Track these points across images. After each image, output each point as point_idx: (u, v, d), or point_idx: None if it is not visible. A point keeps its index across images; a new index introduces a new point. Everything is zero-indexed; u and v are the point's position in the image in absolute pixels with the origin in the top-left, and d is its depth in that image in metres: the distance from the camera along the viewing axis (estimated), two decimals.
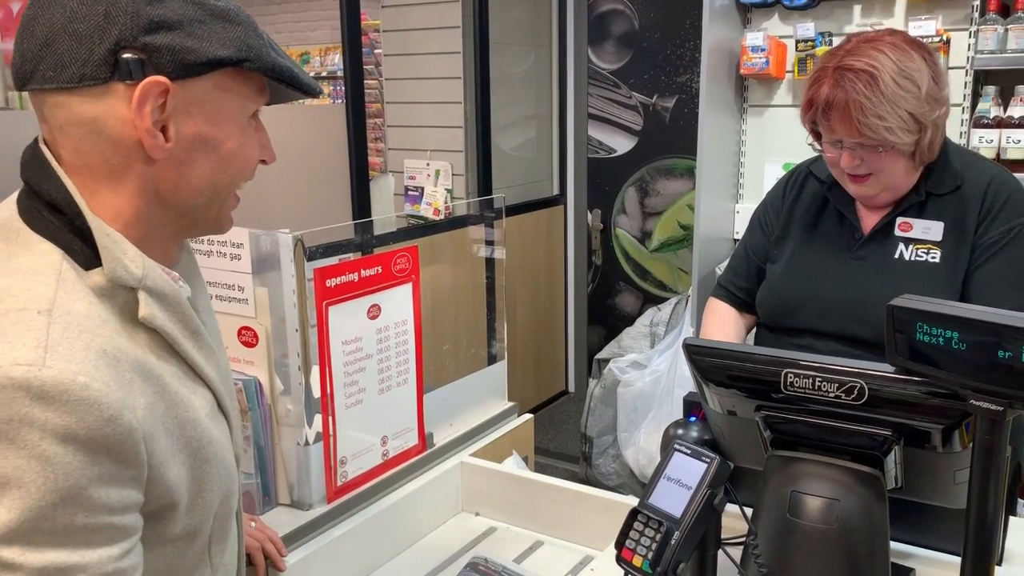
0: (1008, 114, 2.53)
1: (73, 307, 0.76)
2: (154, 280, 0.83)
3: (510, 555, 1.52)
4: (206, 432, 0.87)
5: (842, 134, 1.50)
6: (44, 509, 0.70)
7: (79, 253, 0.80)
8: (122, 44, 0.78)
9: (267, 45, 0.87)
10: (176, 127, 0.82)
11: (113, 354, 0.76)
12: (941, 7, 2.68)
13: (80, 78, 0.78)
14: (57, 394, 0.71)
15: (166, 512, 0.83)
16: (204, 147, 0.85)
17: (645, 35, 3.99)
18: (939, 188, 1.57)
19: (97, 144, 0.81)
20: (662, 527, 1.05)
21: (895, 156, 1.50)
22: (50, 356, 0.72)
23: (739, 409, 1.11)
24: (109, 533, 0.75)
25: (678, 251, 4.08)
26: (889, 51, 1.47)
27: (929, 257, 1.56)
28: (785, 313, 1.69)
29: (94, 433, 0.72)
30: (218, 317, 1.40)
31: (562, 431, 4.24)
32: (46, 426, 0.70)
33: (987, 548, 0.92)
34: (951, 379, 0.90)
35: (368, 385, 1.49)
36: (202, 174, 0.86)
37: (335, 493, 1.45)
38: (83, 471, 0.72)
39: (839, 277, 1.63)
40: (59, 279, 0.77)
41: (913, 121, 1.47)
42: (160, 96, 0.80)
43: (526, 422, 1.92)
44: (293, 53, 6.21)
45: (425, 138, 3.96)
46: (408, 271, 1.53)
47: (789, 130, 3.04)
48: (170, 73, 0.80)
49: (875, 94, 1.44)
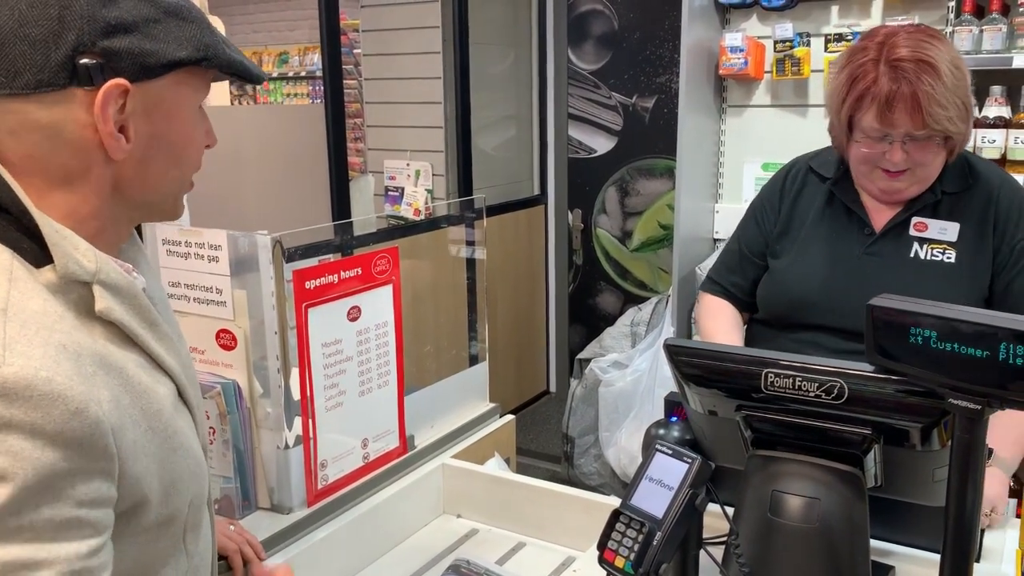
0: (983, 114, 2.55)
1: (27, 305, 0.75)
2: (108, 273, 0.82)
3: (492, 557, 1.52)
4: (171, 422, 0.86)
5: (903, 126, 1.47)
6: (11, 505, 0.69)
7: (28, 251, 0.79)
8: (80, 49, 0.77)
9: (220, 41, 0.87)
10: (135, 127, 0.82)
11: (73, 349, 0.75)
12: (917, 8, 2.70)
13: (36, 85, 0.77)
14: (20, 390, 0.70)
15: (138, 503, 0.82)
16: (161, 143, 0.85)
17: (624, 35, 4.00)
18: (953, 187, 1.58)
19: (54, 149, 0.80)
20: (644, 528, 1.05)
21: (940, 148, 1.50)
22: (9, 354, 0.71)
23: (720, 409, 1.11)
24: (78, 528, 0.74)
25: (658, 251, 4.09)
26: (932, 41, 1.47)
27: (945, 257, 1.56)
28: (794, 309, 1.67)
29: (61, 427, 0.71)
30: (196, 320, 1.40)
31: (544, 431, 4.25)
32: (10, 423, 0.69)
33: (966, 545, 0.93)
34: (930, 378, 0.91)
35: (348, 387, 1.48)
36: (159, 169, 0.86)
37: (315, 496, 1.44)
38: (52, 466, 0.71)
39: (852, 273, 1.61)
40: (10, 279, 0.76)
41: (965, 109, 1.48)
42: (120, 97, 0.80)
43: (508, 423, 1.92)
44: (271, 52, 6.18)
45: (405, 138, 3.95)
46: (388, 272, 1.52)
47: (768, 130, 3.06)
48: (129, 76, 0.80)
49: (939, 84, 1.44)
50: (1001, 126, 2.52)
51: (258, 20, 6.20)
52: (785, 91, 3.01)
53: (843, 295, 1.60)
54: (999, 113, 2.53)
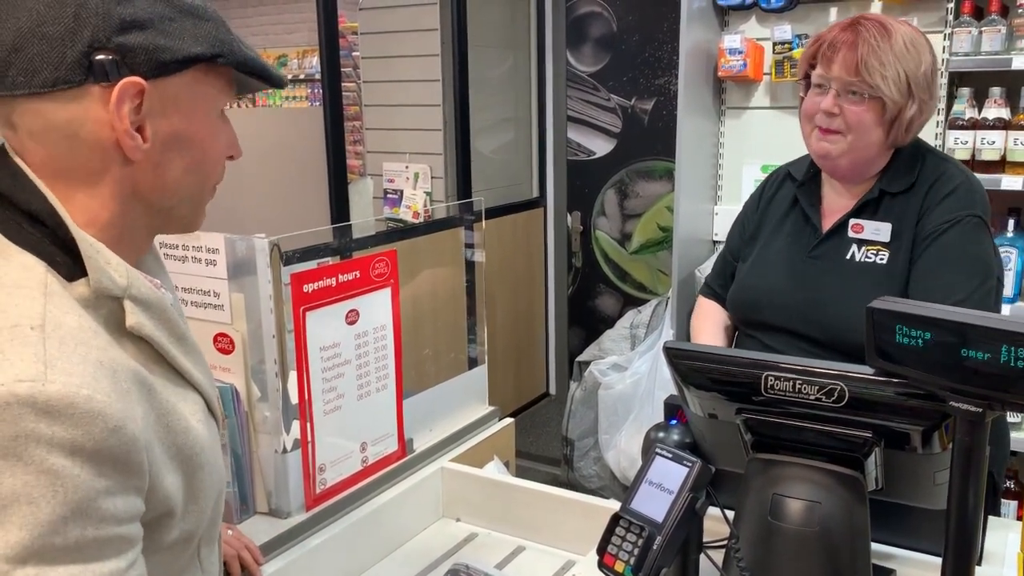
0: (983, 115, 2.55)
1: (64, 320, 0.75)
2: (138, 289, 0.82)
3: (491, 561, 1.51)
4: (198, 439, 0.86)
5: (838, 72, 1.52)
6: (55, 524, 0.69)
7: (62, 265, 0.79)
8: (95, 45, 0.77)
9: (236, 40, 0.87)
10: (153, 127, 0.82)
11: (109, 365, 0.76)
12: (916, 9, 2.70)
13: (54, 82, 0.77)
14: (62, 408, 0.70)
15: (163, 520, 0.82)
16: (179, 145, 0.85)
17: (623, 38, 4.00)
18: (894, 187, 1.59)
19: (73, 148, 0.80)
20: (644, 532, 1.05)
21: (874, 116, 1.53)
22: (51, 371, 0.71)
23: (720, 412, 1.11)
24: (117, 545, 0.74)
25: (657, 253, 4.09)
26: (905, 25, 1.55)
27: (877, 259, 1.58)
28: (749, 309, 1.72)
29: (100, 444, 0.72)
30: (194, 323, 1.39)
31: (543, 434, 4.24)
32: (52, 440, 0.70)
33: (967, 548, 0.92)
34: (930, 381, 0.90)
35: (347, 391, 1.47)
36: (177, 173, 0.86)
37: (314, 501, 1.44)
38: (91, 483, 0.71)
39: (796, 275, 1.65)
40: (46, 293, 0.76)
41: (907, 84, 1.51)
42: (136, 96, 0.80)
43: (507, 426, 1.91)
44: (270, 56, 6.17)
45: (404, 141, 3.95)
46: (387, 275, 1.51)
47: (767, 132, 3.06)
48: (145, 72, 0.80)
49: (884, 43, 1.50)
50: (1000, 127, 2.52)
51: (256, 23, 6.20)
52: (784, 93, 3.01)
53: (788, 296, 1.64)
54: (998, 114, 2.53)
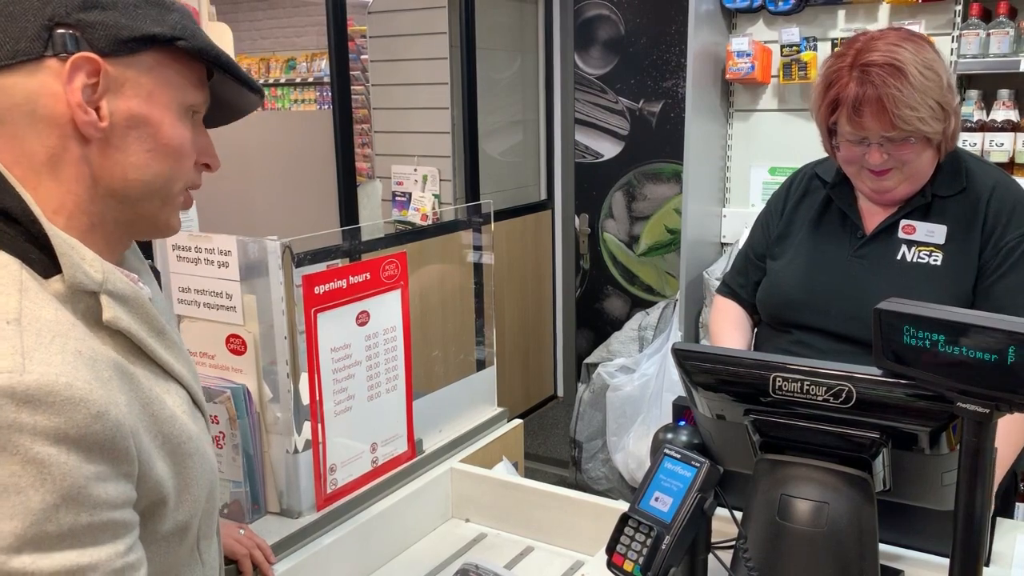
0: (991, 118, 2.55)
1: (40, 314, 0.76)
2: (114, 283, 0.83)
3: (501, 561, 1.52)
4: (184, 428, 0.87)
5: (874, 129, 1.48)
6: (47, 512, 0.70)
7: (37, 262, 0.80)
8: (56, 20, 0.79)
9: (202, 32, 0.88)
10: (110, 106, 0.82)
11: (89, 355, 0.76)
12: (924, 12, 2.70)
13: (13, 55, 0.79)
14: (42, 396, 0.71)
15: (156, 509, 0.83)
16: (138, 131, 0.84)
17: (631, 40, 4.00)
18: (944, 190, 1.58)
19: (32, 127, 0.80)
20: (653, 532, 1.05)
21: (923, 146, 1.51)
22: (28, 361, 0.72)
23: (728, 413, 1.11)
24: (113, 529, 0.75)
25: (665, 255, 4.09)
26: (905, 44, 1.49)
27: (931, 260, 1.56)
28: (785, 310, 1.69)
29: (84, 431, 0.72)
30: (206, 324, 1.41)
31: (551, 436, 4.24)
32: (35, 429, 0.70)
33: (975, 549, 0.92)
34: (938, 382, 0.91)
35: (357, 392, 1.48)
36: (136, 161, 0.85)
37: (324, 501, 1.45)
38: (79, 470, 0.72)
39: (839, 275, 1.63)
40: (21, 289, 0.77)
41: (940, 109, 1.48)
42: (92, 74, 0.80)
43: (516, 427, 1.92)
44: (279, 59, 6.20)
45: (412, 143, 3.96)
46: (396, 277, 1.52)
47: (775, 134, 3.06)
48: (103, 49, 0.81)
49: (905, 86, 1.45)
50: (1009, 129, 2.52)
51: (266, 27, 6.22)
52: (792, 95, 3.01)
53: (829, 297, 1.62)
54: (1007, 116, 2.53)
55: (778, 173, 3.06)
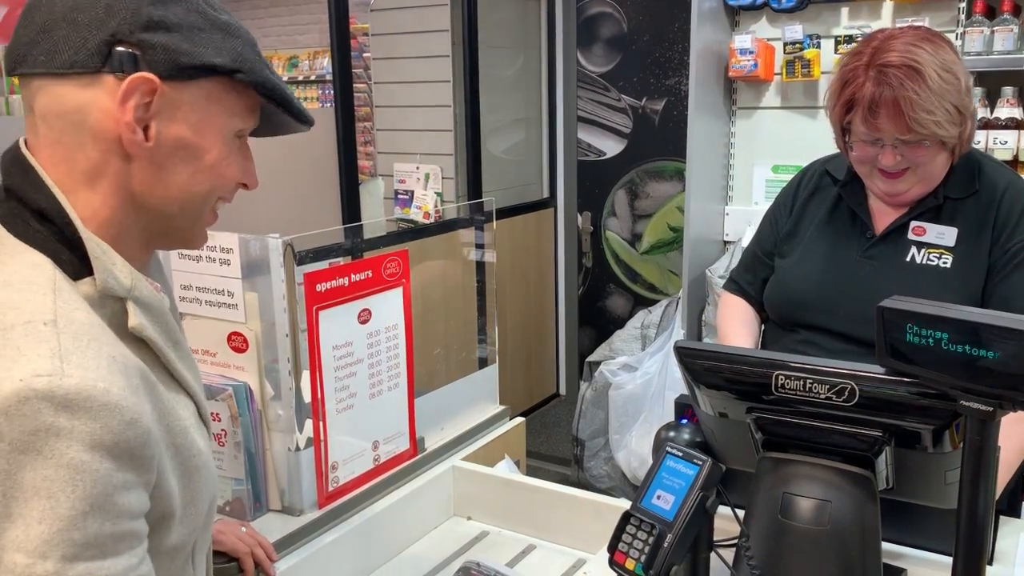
0: (995, 115, 2.54)
1: (74, 316, 0.76)
2: (141, 291, 0.83)
3: (502, 559, 1.52)
4: (194, 443, 0.87)
5: (889, 131, 1.47)
6: (75, 519, 0.70)
7: (67, 263, 0.80)
8: (118, 37, 0.79)
9: (263, 63, 0.87)
10: (159, 127, 0.82)
11: (121, 360, 0.76)
12: (927, 9, 2.70)
13: (71, 64, 0.78)
14: (80, 401, 0.70)
15: (164, 522, 0.82)
16: (184, 154, 0.84)
17: (634, 38, 4.00)
18: (957, 192, 1.56)
19: (78, 136, 0.80)
20: (655, 530, 1.05)
21: (937, 149, 1.49)
22: (67, 365, 0.71)
23: (730, 411, 1.11)
24: (129, 540, 0.75)
25: (668, 253, 4.09)
26: (924, 44, 1.46)
27: (940, 262, 1.55)
28: (792, 309, 1.68)
29: (118, 437, 0.72)
30: (208, 322, 1.41)
31: (554, 434, 4.24)
32: (72, 434, 0.70)
33: (978, 548, 0.92)
34: (941, 380, 0.90)
35: (359, 390, 1.48)
36: (178, 181, 0.85)
37: (326, 498, 1.45)
38: (110, 477, 0.72)
39: (848, 275, 1.62)
40: (55, 289, 0.77)
41: (957, 113, 1.46)
42: (147, 94, 0.80)
43: (517, 426, 1.92)
44: (281, 57, 6.19)
45: (414, 141, 3.96)
46: (398, 275, 1.52)
47: (778, 132, 3.05)
48: (162, 72, 0.80)
49: (923, 89, 1.42)
50: (1013, 127, 2.51)
51: (268, 24, 6.22)
52: (795, 93, 3.00)
53: (838, 296, 1.61)
54: (1011, 114, 2.52)
55: (781, 171, 3.05)
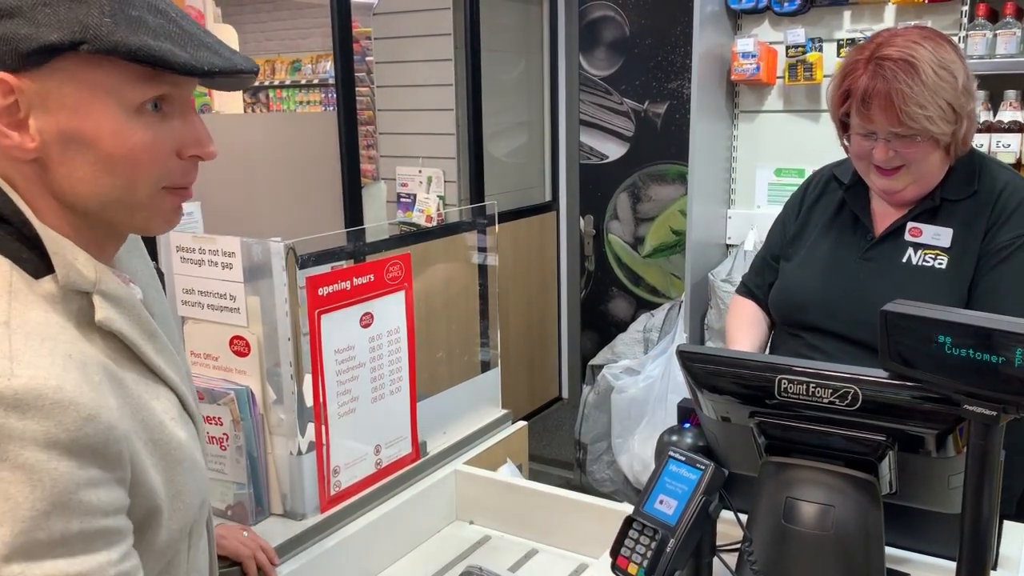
0: (998, 118, 2.54)
1: (29, 316, 0.74)
2: (107, 284, 0.81)
3: (505, 564, 1.51)
4: (173, 435, 0.85)
5: (881, 124, 1.48)
6: (37, 519, 0.69)
7: (28, 262, 0.78)
8: None
9: (128, 21, 0.75)
10: (37, 124, 0.76)
11: (79, 358, 0.75)
12: (930, 13, 2.69)
13: None
14: (31, 400, 0.69)
15: (151, 519, 0.81)
16: (75, 145, 0.77)
17: (636, 41, 3.99)
18: (955, 194, 1.57)
19: None
20: (657, 535, 1.05)
21: (930, 147, 1.49)
22: (16, 365, 0.70)
23: (733, 415, 1.11)
24: (106, 537, 0.74)
25: (671, 256, 4.08)
26: (924, 43, 1.48)
27: (936, 263, 1.56)
28: (794, 310, 1.70)
29: (75, 435, 0.71)
30: (210, 326, 1.41)
31: (556, 438, 4.24)
32: (24, 435, 0.69)
33: (982, 553, 0.92)
34: (944, 384, 0.90)
35: (361, 394, 1.48)
36: (84, 176, 0.78)
37: (328, 503, 1.45)
38: (70, 475, 0.70)
39: (846, 277, 1.63)
40: (10, 291, 0.75)
41: (952, 111, 1.46)
42: (7, 94, 0.74)
43: (520, 430, 1.91)
44: (284, 61, 6.21)
45: (417, 145, 3.96)
46: (400, 279, 1.52)
47: (780, 135, 3.05)
48: (10, 66, 0.73)
49: (916, 83, 1.44)
50: (1016, 130, 2.50)
51: (271, 28, 6.23)
52: (798, 96, 3.00)
53: (837, 299, 1.62)
54: (1014, 117, 2.52)
55: (783, 174, 3.05)
